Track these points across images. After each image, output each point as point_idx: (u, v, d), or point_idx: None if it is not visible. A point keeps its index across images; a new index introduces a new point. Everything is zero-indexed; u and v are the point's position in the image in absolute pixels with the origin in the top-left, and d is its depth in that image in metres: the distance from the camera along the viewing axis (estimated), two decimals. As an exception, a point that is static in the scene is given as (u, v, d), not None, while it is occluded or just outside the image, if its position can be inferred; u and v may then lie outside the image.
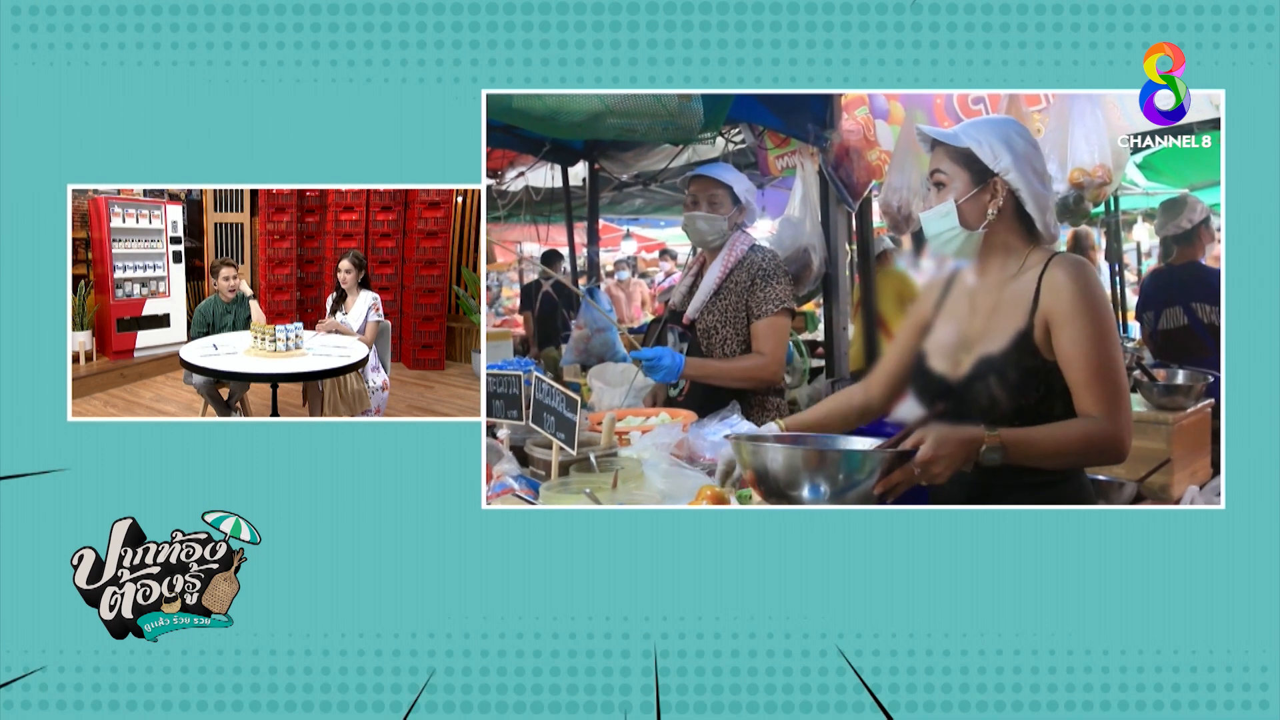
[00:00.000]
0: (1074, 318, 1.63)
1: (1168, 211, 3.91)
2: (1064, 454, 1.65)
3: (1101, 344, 1.62)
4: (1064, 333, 1.64)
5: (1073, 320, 1.63)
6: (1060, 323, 1.64)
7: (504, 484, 1.99)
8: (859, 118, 3.44)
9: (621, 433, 2.22)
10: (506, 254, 8.59)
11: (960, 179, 1.72)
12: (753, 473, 1.67)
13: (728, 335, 2.70)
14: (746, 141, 4.02)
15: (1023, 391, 1.67)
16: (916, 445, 1.59)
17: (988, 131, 1.72)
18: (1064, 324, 1.64)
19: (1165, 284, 3.90)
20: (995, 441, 1.59)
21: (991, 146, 1.70)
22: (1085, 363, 1.62)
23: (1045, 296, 1.66)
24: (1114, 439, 1.62)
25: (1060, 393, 1.66)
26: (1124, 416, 1.63)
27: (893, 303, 3.91)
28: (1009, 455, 1.60)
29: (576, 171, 5.13)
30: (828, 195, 3.39)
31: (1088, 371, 1.62)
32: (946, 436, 1.59)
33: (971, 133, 1.72)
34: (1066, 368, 1.64)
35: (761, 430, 1.94)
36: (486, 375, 2.29)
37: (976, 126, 1.74)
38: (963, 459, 1.60)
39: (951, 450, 1.58)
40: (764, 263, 2.70)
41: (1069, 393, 1.65)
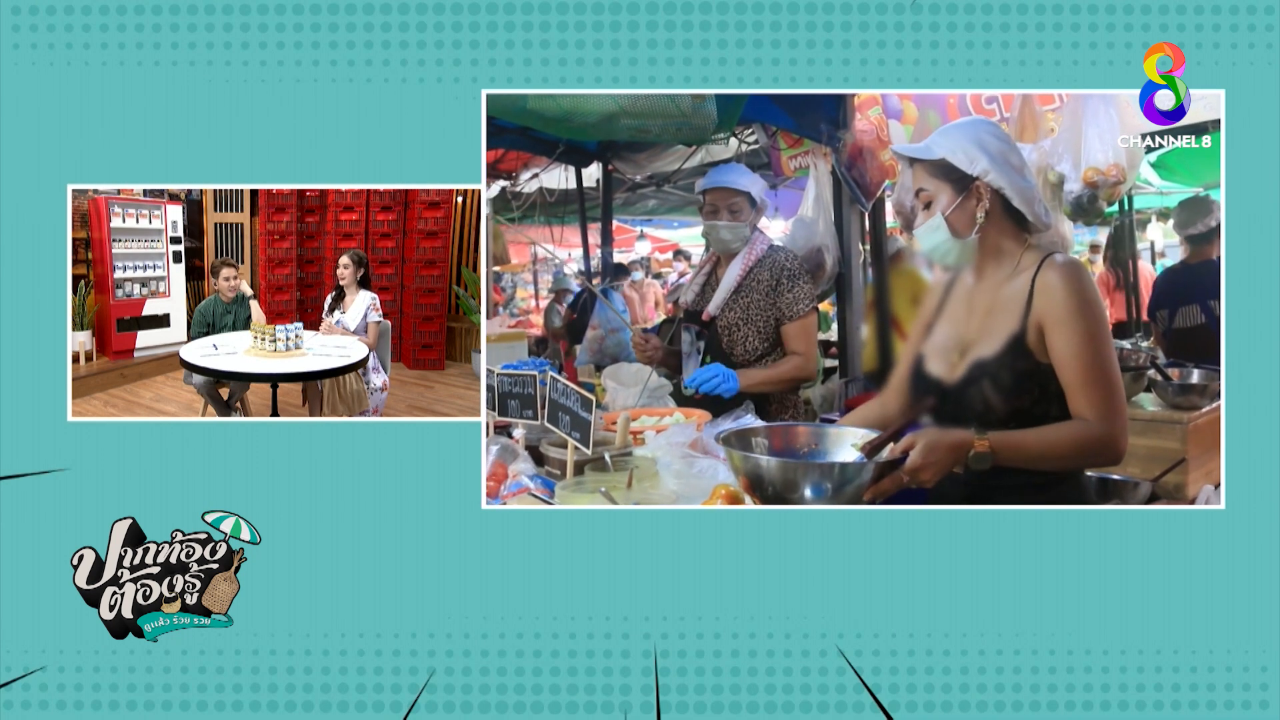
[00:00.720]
0: (1067, 320, 1.63)
1: (1186, 211, 3.91)
2: (1056, 457, 1.65)
3: (1094, 345, 1.62)
4: (1057, 335, 1.64)
5: (1066, 322, 1.63)
6: (1053, 325, 1.64)
7: (519, 483, 1.99)
8: (872, 118, 3.43)
9: (636, 432, 2.23)
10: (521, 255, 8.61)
11: (944, 191, 1.72)
12: (745, 478, 1.67)
13: (749, 333, 2.76)
14: (760, 142, 4.03)
15: (1017, 394, 1.67)
16: (905, 452, 1.59)
17: (959, 137, 1.72)
18: (1057, 326, 1.64)
19: (1181, 283, 3.89)
20: (984, 447, 1.59)
21: (965, 152, 1.70)
22: (1078, 364, 1.62)
23: (1038, 299, 1.66)
24: (1108, 440, 1.63)
25: (1055, 395, 1.66)
26: (1118, 418, 1.63)
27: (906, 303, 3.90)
28: (999, 459, 1.61)
29: (590, 173, 5.14)
30: (841, 195, 3.40)
31: (1081, 373, 1.62)
32: (935, 443, 1.59)
33: (943, 142, 1.72)
34: (1060, 369, 1.64)
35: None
36: (500, 375, 2.30)
37: (946, 135, 1.74)
38: (950, 464, 1.60)
39: (940, 457, 1.59)
40: (788, 263, 2.77)
41: (1064, 395, 1.65)
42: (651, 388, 2.75)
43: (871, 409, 1.99)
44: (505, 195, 5.32)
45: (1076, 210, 3.10)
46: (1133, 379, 3.20)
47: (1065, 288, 1.64)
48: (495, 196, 5.55)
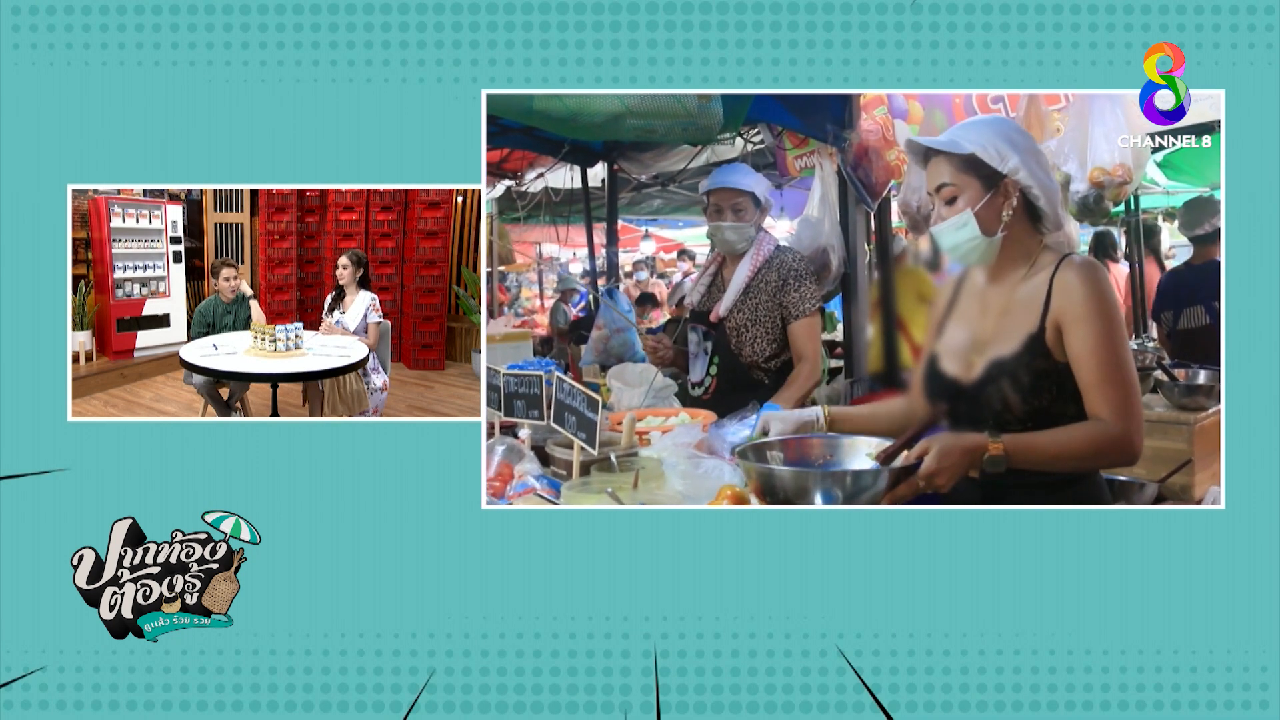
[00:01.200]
0: (1085, 319, 1.62)
1: (1192, 211, 3.90)
2: (1071, 457, 1.64)
3: (1111, 345, 1.62)
4: (1074, 334, 1.63)
5: (1083, 321, 1.62)
6: (1071, 324, 1.63)
7: (525, 484, 1.99)
8: (877, 117, 3.43)
9: (642, 433, 2.23)
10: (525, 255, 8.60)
11: (971, 187, 1.70)
12: (758, 484, 1.67)
13: (757, 334, 2.78)
14: (765, 142, 4.03)
15: (1035, 394, 1.66)
16: (920, 458, 1.59)
17: (988, 133, 1.70)
18: (1075, 325, 1.63)
19: (1185, 283, 3.88)
20: (998, 451, 1.59)
21: (996, 148, 1.68)
22: (1095, 364, 1.62)
23: (1057, 298, 1.65)
24: (1123, 441, 1.62)
25: (1073, 394, 1.65)
26: (1134, 418, 1.62)
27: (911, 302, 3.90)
28: (1014, 461, 1.60)
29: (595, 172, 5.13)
30: (846, 195, 3.39)
31: (1098, 373, 1.62)
32: (950, 448, 1.59)
33: (972, 137, 1.70)
34: (1077, 369, 1.64)
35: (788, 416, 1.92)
36: (506, 376, 2.30)
37: (974, 129, 1.72)
38: (965, 468, 1.60)
39: (955, 461, 1.59)
40: (794, 263, 2.78)
41: (1080, 394, 1.65)
42: (657, 388, 2.75)
43: (899, 403, 1.96)
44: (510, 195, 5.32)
45: (1082, 210, 3.10)
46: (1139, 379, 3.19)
47: (1084, 287, 1.63)
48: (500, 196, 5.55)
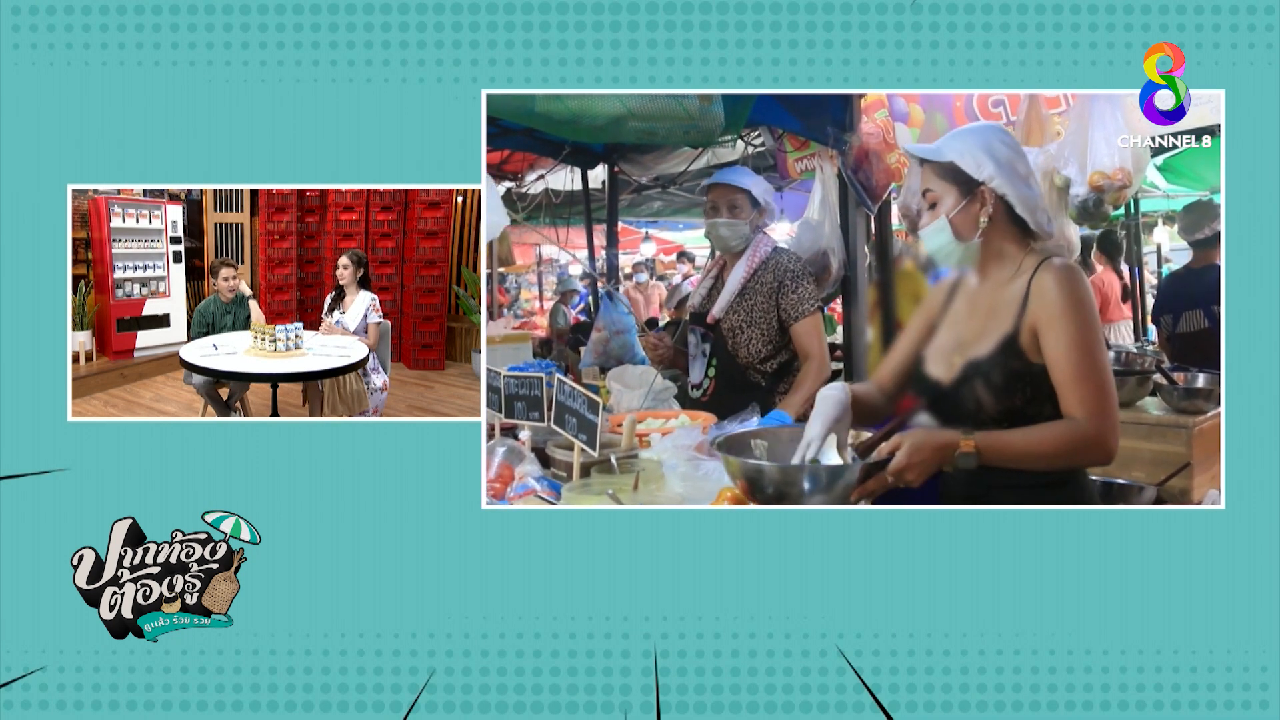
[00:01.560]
0: (1059, 320, 1.65)
1: (1191, 215, 3.90)
2: (1044, 456, 1.65)
3: (1085, 346, 1.64)
4: (1049, 335, 1.66)
5: (1058, 323, 1.65)
6: (1046, 325, 1.66)
7: (526, 485, 1.99)
8: (878, 120, 3.43)
9: (642, 434, 2.23)
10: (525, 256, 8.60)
11: (949, 193, 1.75)
12: (744, 481, 1.68)
13: (753, 335, 2.78)
14: (766, 144, 4.03)
15: (1008, 394, 1.69)
16: (891, 453, 1.61)
17: (969, 142, 1.74)
18: (1049, 326, 1.66)
19: (1184, 287, 3.89)
20: (970, 447, 1.61)
21: (974, 157, 1.72)
22: (1069, 364, 1.64)
23: (1033, 300, 1.68)
24: (1096, 440, 1.63)
25: (1048, 395, 1.67)
26: (1108, 418, 1.63)
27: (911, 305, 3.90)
28: (985, 459, 1.62)
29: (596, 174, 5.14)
30: (847, 198, 3.40)
31: (1071, 373, 1.63)
32: (921, 444, 1.61)
33: (954, 145, 1.75)
34: (1052, 368, 1.66)
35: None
36: (507, 377, 2.30)
37: (958, 138, 1.76)
38: (936, 464, 1.62)
39: (925, 458, 1.60)
40: (791, 264, 2.78)
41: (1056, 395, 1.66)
42: (657, 390, 2.76)
43: (872, 389, 1.95)
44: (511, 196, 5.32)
45: (1082, 214, 3.10)
46: (1138, 383, 3.20)
47: (1059, 288, 1.66)
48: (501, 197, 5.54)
